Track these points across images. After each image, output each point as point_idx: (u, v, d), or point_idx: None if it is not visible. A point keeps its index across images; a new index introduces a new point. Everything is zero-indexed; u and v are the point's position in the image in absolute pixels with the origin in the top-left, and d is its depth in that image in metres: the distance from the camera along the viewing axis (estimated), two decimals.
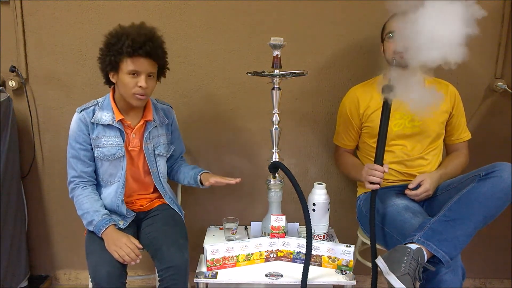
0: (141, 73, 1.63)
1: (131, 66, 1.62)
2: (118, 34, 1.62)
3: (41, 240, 2.32)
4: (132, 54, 1.60)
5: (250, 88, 2.14)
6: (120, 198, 1.73)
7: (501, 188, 1.52)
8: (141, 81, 1.63)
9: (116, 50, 1.61)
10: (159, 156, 1.82)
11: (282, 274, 1.71)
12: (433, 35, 1.45)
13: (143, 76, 1.64)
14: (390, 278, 1.43)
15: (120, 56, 1.61)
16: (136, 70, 1.62)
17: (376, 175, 1.65)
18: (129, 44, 1.58)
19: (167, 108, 1.89)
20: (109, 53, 1.63)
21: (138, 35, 1.60)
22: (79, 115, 1.71)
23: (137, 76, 1.63)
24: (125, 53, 1.59)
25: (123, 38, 1.60)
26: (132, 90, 1.64)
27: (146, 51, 1.61)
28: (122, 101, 1.72)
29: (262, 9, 2.06)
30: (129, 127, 1.74)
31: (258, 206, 2.20)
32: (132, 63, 1.62)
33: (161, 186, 1.84)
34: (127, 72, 1.63)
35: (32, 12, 2.07)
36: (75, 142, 1.70)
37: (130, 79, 1.63)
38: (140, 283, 2.38)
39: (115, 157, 1.71)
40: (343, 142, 2.00)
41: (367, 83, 1.96)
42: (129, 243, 1.59)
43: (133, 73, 1.63)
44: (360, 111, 1.90)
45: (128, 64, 1.62)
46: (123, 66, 1.63)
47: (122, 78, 1.64)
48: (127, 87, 1.64)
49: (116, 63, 1.63)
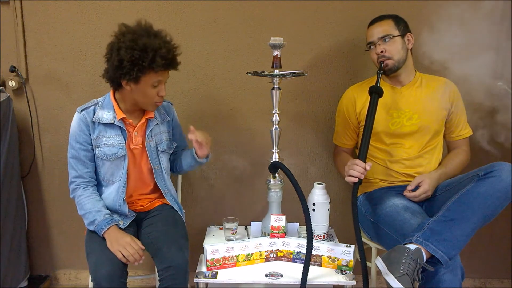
0: (162, 83, 1.65)
1: (155, 79, 1.61)
2: (143, 47, 1.55)
3: (41, 240, 2.32)
4: (156, 70, 1.59)
5: (250, 88, 2.14)
6: (122, 197, 1.73)
7: (500, 188, 1.52)
8: (162, 91, 1.66)
9: (142, 65, 1.56)
10: (162, 152, 1.81)
11: (282, 274, 1.71)
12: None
13: (163, 86, 1.66)
14: (389, 278, 1.43)
15: (146, 71, 1.58)
16: (160, 82, 1.64)
17: (355, 169, 1.68)
18: (159, 62, 1.56)
19: (167, 105, 1.89)
20: (132, 66, 1.56)
21: (167, 51, 1.58)
22: (80, 115, 1.70)
23: (158, 85, 1.64)
24: (154, 69, 1.57)
25: (151, 53, 1.55)
26: (153, 100, 1.66)
27: (170, 65, 1.62)
28: (127, 103, 1.71)
29: (262, 9, 2.06)
30: (131, 125, 1.74)
31: (258, 206, 2.20)
32: (157, 77, 1.62)
33: (163, 183, 1.83)
34: (151, 84, 1.62)
35: (32, 12, 2.07)
36: (75, 142, 1.70)
37: (152, 90, 1.64)
38: (140, 283, 2.38)
39: (116, 157, 1.71)
40: (342, 142, 2.01)
41: (364, 82, 1.97)
42: (133, 244, 1.59)
43: (155, 85, 1.63)
44: (357, 110, 1.91)
45: (152, 77, 1.61)
46: (146, 79, 1.61)
47: (143, 89, 1.63)
48: (148, 97, 1.65)
49: (138, 77, 1.59)
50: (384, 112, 1.84)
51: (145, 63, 1.55)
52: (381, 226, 1.73)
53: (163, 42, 1.60)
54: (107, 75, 1.67)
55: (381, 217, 1.74)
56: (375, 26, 1.83)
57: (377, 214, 1.76)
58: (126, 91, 1.66)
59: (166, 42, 1.61)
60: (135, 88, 1.63)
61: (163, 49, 1.57)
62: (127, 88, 1.64)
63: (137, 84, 1.61)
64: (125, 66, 1.56)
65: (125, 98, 1.71)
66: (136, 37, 1.57)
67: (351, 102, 1.93)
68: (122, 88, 1.66)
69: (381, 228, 1.73)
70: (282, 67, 1.76)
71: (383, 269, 1.47)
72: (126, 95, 1.69)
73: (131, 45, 1.55)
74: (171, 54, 1.60)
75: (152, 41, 1.57)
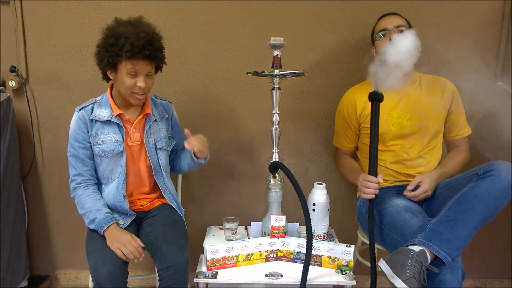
0: (140, 74, 1.64)
1: (129, 68, 1.62)
2: (116, 35, 1.60)
3: (41, 240, 2.32)
4: (131, 58, 1.60)
5: (250, 88, 2.14)
6: (122, 194, 1.73)
7: (499, 187, 1.52)
8: (140, 82, 1.64)
9: (115, 52, 1.60)
10: (161, 149, 1.82)
11: (282, 274, 1.71)
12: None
13: (142, 77, 1.64)
14: (395, 281, 1.42)
15: (119, 58, 1.60)
16: (135, 72, 1.63)
17: (370, 187, 1.67)
18: (128, 48, 1.57)
19: (166, 103, 1.89)
20: (107, 53, 1.61)
21: (137, 38, 1.58)
22: (78, 113, 1.71)
23: (136, 76, 1.64)
24: (123, 55, 1.59)
25: (122, 40, 1.58)
26: (131, 90, 1.65)
27: (145, 55, 1.60)
28: (120, 97, 1.73)
29: (262, 9, 2.06)
30: (128, 122, 1.74)
31: (258, 206, 2.20)
32: (131, 65, 1.62)
33: (162, 180, 1.83)
34: (125, 72, 1.63)
35: (32, 12, 2.07)
36: (74, 140, 1.71)
37: (128, 79, 1.64)
38: (140, 282, 2.38)
39: (114, 153, 1.71)
40: (342, 144, 2.00)
41: (364, 84, 1.97)
42: (133, 242, 1.60)
43: (131, 74, 1.63)
44: (358, 112, 1.91)
45: (126, 66, 1.62)
46: (122, 67, 1.63)
47: (121, 78, 1.64)
48: (125, 87, 1.65)
49: (114, 63, 1.63)
50: (385, 113, 1.83)
51: (116, 49, 1.59)
52: (381, 226, 1.73)
53: (137, 31, 1.61)
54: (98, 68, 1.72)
55: (382, 217, 1.74)
56: (391, 16, 1.83)
57: (378, 214, 1.75)
58: (115, 84, 1.71)
59: (140, 30, 1.62)
60: (116, 78, 1.67)
61: (133, 36, 1.59)
62: (111, 78, 1.69)
63: (116, 72, 1.66)
64: (101, 52, 1.64)
65: (117, 94, 1.73)
66: (114, 26, 1.63)
67: (351, 103, 1.92)
68: (111, 81, 1.72)
69: (382, 228, 1.73)
70: (282, 67, 1.75)
71: (388, 272, 1.46)
72: (115, 88, 1.72)
73: (107, 33, 1.64)
74: (141, 42, 1.59)
75: (126, 29, 1.61)
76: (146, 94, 1.71)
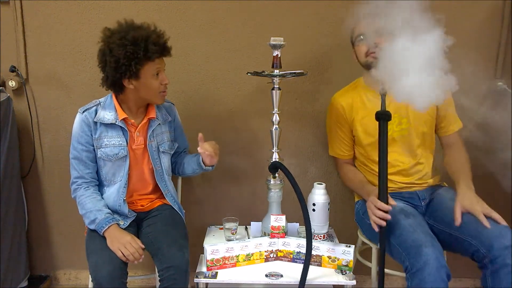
0: (161, 71, 1.67)
1: (155, 68, 1.64)
2: (134, 40, 1.57)
3: (41, 240, 2.32)
4: (154, 58, 1.61)
5: (250, 88, 2.14)
6: (122, 198, 1.73)
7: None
8: (164, 79, 1.69)
9: (138, 57, 1.57)
10: (163, 153, 1.82)
11: (282, 274, 1.71)
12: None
13: (163, 74, 1.69)
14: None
15: (143, 62, 1.60)
16: (158, 71, 1.66)
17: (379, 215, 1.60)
18: (153, 49, 1.58)
19: (169, 105, 1.89)
20: (129, 61, 1.57)
21: (157, 37, 1.62)
22: (82, 115, 1.70)
23: (159, 75, 1.67)
24: (150, 58, 1.60)
25: (142, 44, 1.57)
26: (158, 90, 1.68)
27: (168, 50, 1.66)
28: (130, 102, 1.72)
29: (262, 9, 2.06)
30: (133, 126, 1.74)
31: (258, 206, 2.20)
32: (156, 65, 1.64)
33: (164, 183, 1.83)
34: (151, 75, 1.64)
35: (32, 12, 2.07)
36: (77, 143, 1.71)
37: (155, 81, 1.66)
38: (140, 283, 2.38)
39: (118, 157, 1.71)
40: (340, 152, 1.94)
41: (348, 88, 1.92)
42: (133, 243, 1.60)
43: (155, 74, 1.65)
44: (348, 119, 1.86)
45: (150, 67, 1.63)
46: (146, 71, 1.62)
47: (146, 83, 1.64)
48: (153, 89, 1.67)
49: (137, 70, 1.60)
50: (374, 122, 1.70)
51: (140, 54, 1.58)
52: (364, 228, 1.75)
53: (150, 31, 1.64)
54: (107, 82, 1.67)
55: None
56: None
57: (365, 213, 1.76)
58: (129, 91, 1.67)
59: (153, 30, 1.65)
60: (138, 85, 1.65)
61: (153, 36, 1.61)
62: (129, 87, 1.65)
63: (138, 79, 1.63)
64: (123, 63, 1.58)
65: (128, 99, 1.71)
66: (123, 34, 1.60)
67: (339, 112, 1.87)
68: (124, 89, 1.67)
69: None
70: (282, 67, 1.76)
71: None
72: (129, 95, 1.69)
73: (121, 42, 1.58)
74: (162, 40, 1.64)
75: (139, 32, 1.61)
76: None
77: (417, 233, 1.59)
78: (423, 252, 1.51)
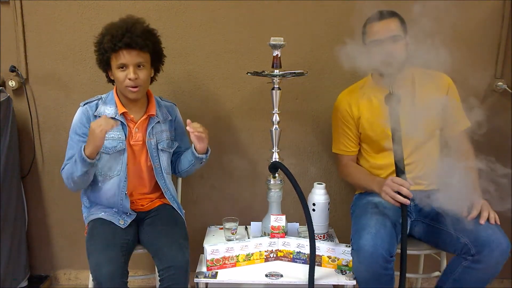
0: (128, 65, 1.66)
1: (117, 60, 1.66)
2: (104, 32, 1.68)
3: (41, 240, 2.32)
4: (114, 49, 1.64)
5: (250, 88, 2.14)
6: (123, 192, 1.74)
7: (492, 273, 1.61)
8: (129, 73, 1.66)
9: (102, 49, 1.67)
10: (162, 151, 1.82)
11: (282, 274, 1.72)
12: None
13: (131, 68, 1.66)
14: None
15: (107, 54, 1.66)
16: (123, 64, 1.66)
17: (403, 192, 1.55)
18: (108, 40, 1.63)
19: (171, 106, 1.90)
20: (97, 53, 1.70)
21: (116, 29, 1.64)
22: (82, 108, 1.74)
23: (126, 69, 1.67)
24: (108, 50, 1.64)
25: (107, 36, 1.65)
26: (123, 83, 1.68)
27: (126, 43, 1.63)
28: (123, 96, 1.75)
29: (262, 9, 2.06)
30: (132, 121, 1.75)
31: (258, 206, 2.20)
32: (118, 57, 1.66)
33: (163, 181, 1.83)
34: (116, 67, 1.67)
35: (32, 12, 2.07)
36: (74, 134, 1.73)
37: (120, 73, 1.67)
38: (140, 283, 2.38)
39: (115, 150, 1.72)
40: (345, 149, 1.91)
41: (354, 88, 1.91)
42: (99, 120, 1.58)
43: (121, 67, 1.67)
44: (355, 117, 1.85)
45: (114, 59, 1.67)
46: (112, 63, 1.68)
47: (115, 74, 1.69)
48: (119, 81, 1.69)
49: (106, 61, 1.69)
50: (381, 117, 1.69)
51: (102, 45, 1.67)
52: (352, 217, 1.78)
53: (119, 22, 1.68)
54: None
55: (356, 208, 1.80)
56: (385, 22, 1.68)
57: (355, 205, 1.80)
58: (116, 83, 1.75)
59: (122, 21, 1.68)
60: (113, 76, 1.72)
61: (113, 28, 1.65)
62: (112, 78, 1.74)
63: (111, 70, 1.71)
64: (95, 52, 1.72)
65: (120, 93, 1.76)
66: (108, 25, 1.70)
67: (346, 109, 1.86)
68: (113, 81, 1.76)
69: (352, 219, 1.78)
70: (282, 67, 1.76)
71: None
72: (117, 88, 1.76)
73: (101, 32, 1.70)
74: (120, 31, 1.63)
75: (115, 24, 1.67)
76: (142, 88, 1.70)
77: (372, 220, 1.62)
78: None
